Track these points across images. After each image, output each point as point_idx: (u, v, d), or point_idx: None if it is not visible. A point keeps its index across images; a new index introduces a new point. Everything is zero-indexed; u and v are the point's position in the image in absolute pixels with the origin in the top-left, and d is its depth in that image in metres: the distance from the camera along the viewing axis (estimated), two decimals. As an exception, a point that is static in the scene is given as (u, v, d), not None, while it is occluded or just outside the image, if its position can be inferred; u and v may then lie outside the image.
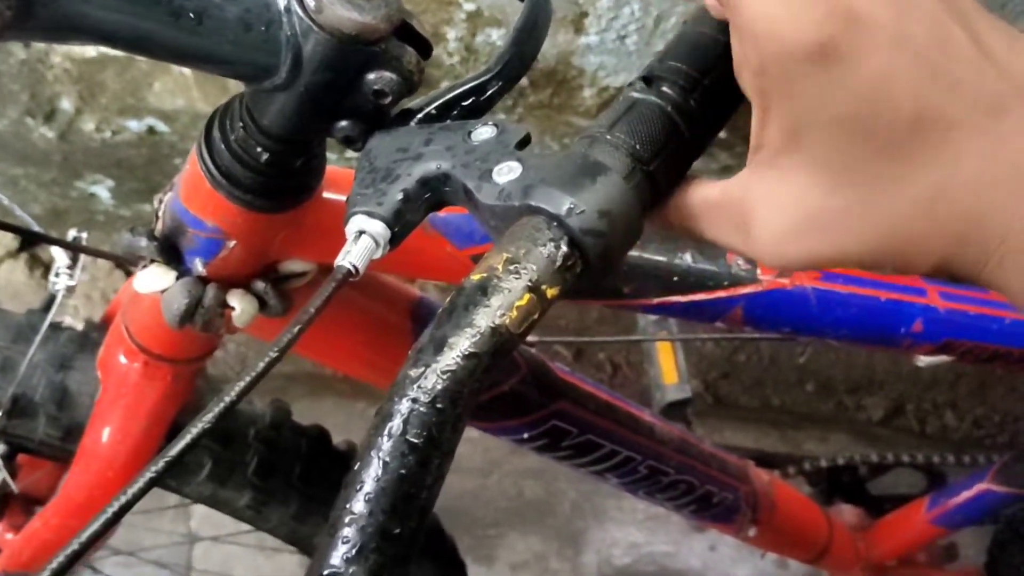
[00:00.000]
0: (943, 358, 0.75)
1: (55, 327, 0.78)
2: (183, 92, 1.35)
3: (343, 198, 0.58)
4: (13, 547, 0.80)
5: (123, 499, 0.38)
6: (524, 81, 1.30)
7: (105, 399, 0.70)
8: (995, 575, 1.29)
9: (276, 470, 0.83)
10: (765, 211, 0.40)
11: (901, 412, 1.83)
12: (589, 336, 1.72)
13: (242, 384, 0.40)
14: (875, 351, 1.73)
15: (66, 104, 1.39)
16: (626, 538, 1.65)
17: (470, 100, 0.50)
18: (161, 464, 0.39)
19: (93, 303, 1.74)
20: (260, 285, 0.59)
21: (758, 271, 0.68)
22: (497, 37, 1.23)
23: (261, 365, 0.41)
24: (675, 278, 0.66)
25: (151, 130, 1.43)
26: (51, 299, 0.79)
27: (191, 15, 0.44)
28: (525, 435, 0.80)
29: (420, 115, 0.49)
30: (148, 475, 0.38)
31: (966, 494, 1.12)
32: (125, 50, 0.47)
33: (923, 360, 0.76)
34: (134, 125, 1.42)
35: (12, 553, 0.79)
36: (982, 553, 1.33)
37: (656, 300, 0.66)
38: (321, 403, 1.63)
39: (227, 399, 0.40)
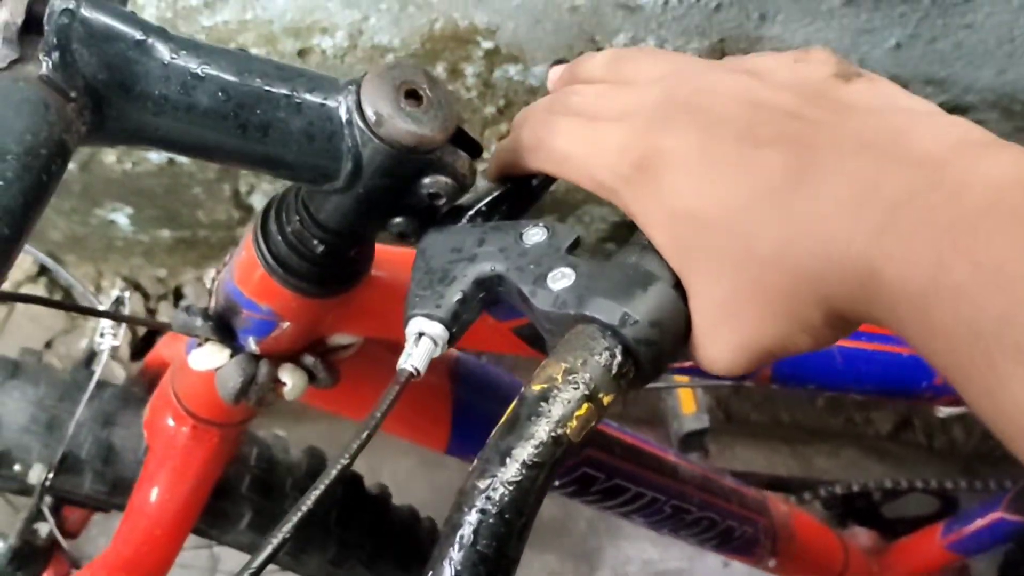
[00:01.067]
0: (963, 408, 0.77)
1: (98, 384, 0.80)
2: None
3: (390, 277, 0.60)
4: (59, 596, 0.82)
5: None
6: (540, 114, 1.32)
7: (153, 460, 0.73)
8: (1005, 594, 1.32)
9: (313, 517, 0.85)
10: (695, 320, 0.42)
11: (909, 426, 1.85)
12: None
13: (317, 491, 0.42)
14: (897, 403, 1.75)
15: (88, 138, 1.40)
16: (640, 555, 1.67)
17: (517, 196, 0.52)
18: (256, 565, 0.41)
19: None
20: (310, 360, 0.62)
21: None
22: (515, 72, 1.25)
23: (333, 472, 0.43)
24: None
25: (171, 161, 1.45)
26: (92, 354, 0.81)
27: (257, 127, 0.46)
28: (556, 483, 0.82)
29: (471, 212, 0.51)
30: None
31: (980, 522, 1.15)
32: (190, 156, 0.49)
33: (944, 411, 0.78)
34: (154, 157, 1.44)
35: (58, 602, 0.82)
36: (993, 571, 1.36)
37: (687, 363, 0.68)
38: (342, 431, 1.65)
39: (302, 508, 0.42)
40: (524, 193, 0.52)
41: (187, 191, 1.52)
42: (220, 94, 0.45)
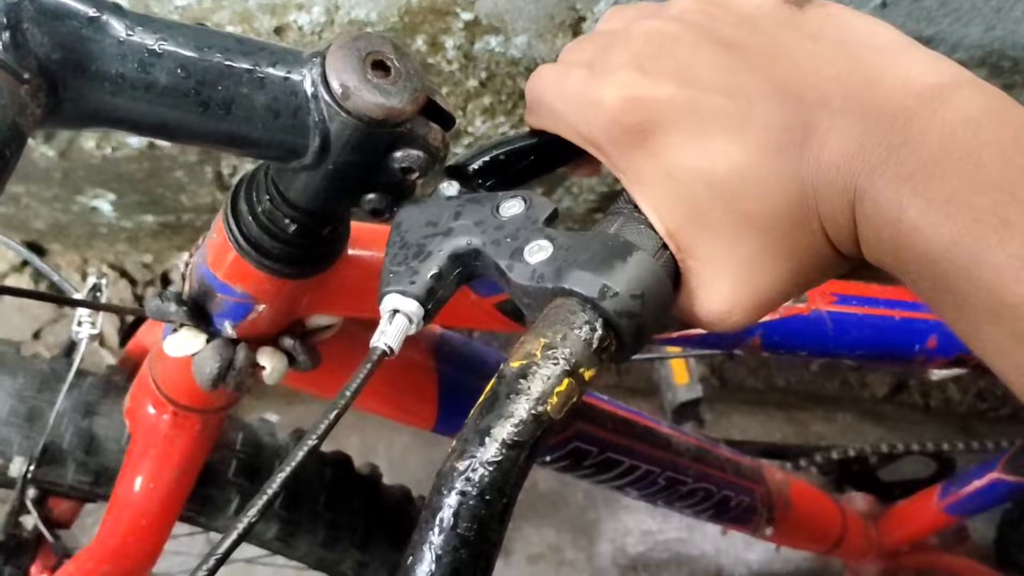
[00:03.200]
0: (956, 371, 0.76)
1: (78, 373, 0.79)
2: (183, 108, 1.35)
3: (367, 254, 0.59)
4: (47, 588, 0.81)
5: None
6: (523, 85, 1.30)
7: (136, 449, 0.71)
8: (1004, 554, 1.32)
9: (302, 500, 0.84)
10: (702, 283, 0.42)
11: (904, 388, 1.85)
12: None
13: (287, 469, 0.41)
14: (890, 367, 1.75)
15: (66, 124, 1.38)
16: (639, 526, 1.67)
17: (511, 166, 0.50)
18: (212, 562, 0.40)
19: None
20: (289, 342, 0.60)
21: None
22: (496, 44, 1.23)
23: (302, 453, 0.42)
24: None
25: (151, 145, 1.43)
26: (72, 345, 0.79)
27: (220, 105, 0.45)
28: (547, 458, 0.81)
29: (472, 167, 0.49)
30: (213, 559, 0.40)
31: (977, 483, 1.14)
32: (153, 137, 0.47)
33: (937, 374, 0.77)
34: (134, 141, 1.42)
35: (47, 595, 0.81)
36: (992, 531, 1.36)
37: (676, 333, 0.67)
38: (332, 407, 1.64)
39: (275, 483, 0.41)
40: (520, 164, 0.50)
41: (169, 175, 1.50)
42: (179, 71, 0.44)
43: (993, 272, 0.33)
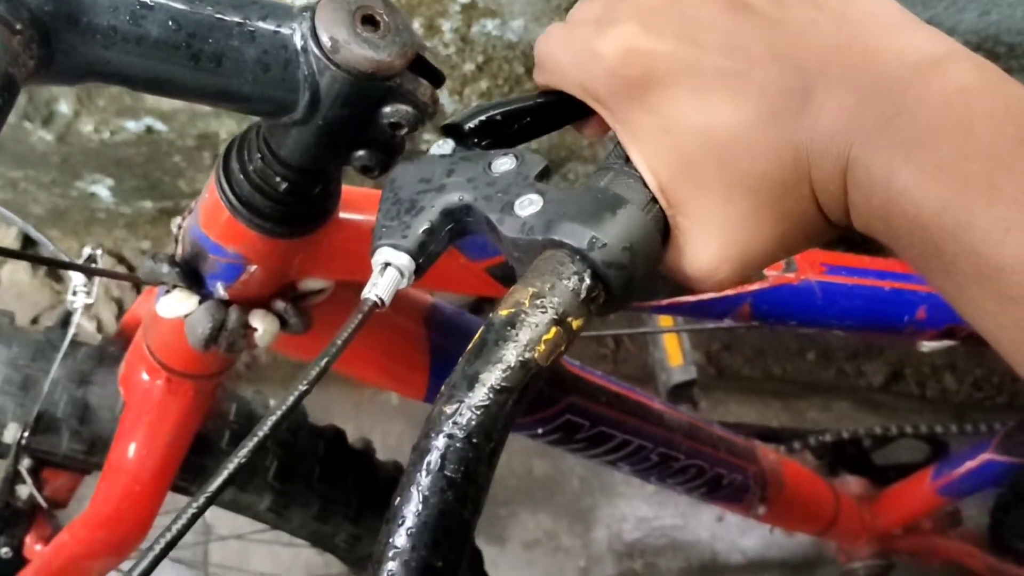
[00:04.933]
0: (946, 343, 0.77)
1: (73, 343, 0.79)
2: (180, 91, 1.35)
3: (359, 218, 0.59)
4: (42, 558, 0.81)
5: (166, 537, 0.39)
6: (520, 69, 1.31)
7: (129, 416, 0.72)
8: (998, 538, 1.32)
9: (295, 473, 0.85)
10: (691, 240, 0.43)
11: (901, 377, 1.85)
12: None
13: (275, 416, 0.42)
14: (880, 339, 1.75)
15: (64, 107, 1.39)
16: (635, 513, 1.67)
17: (508, 127, 0.50)
18: (202, 499, 0.41)
19: (97, 300, 1.75)
20: (280, 305, 0.61)
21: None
22: (493, 27, 1.23)
23: (292, 398, 0.43)
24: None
25: (149, 129, 1.43)
26: (67, 315, 0.80)
27: (210, 58, 0.45)
28: (540, 430, 0.81)
29: (469, 124, 0.49)
30: (189, 513, 0.40)
31: (970, 464, 1.15)
32: (144, 91, 0.48)
33: (927, 345, 0.77)
34: (132, 125, 1.42)
35: (41, 565, 0.81)
36: (985, 516, 1.36)
37: (666, 301, 0.68)
38: (328, 392, 1.65)
39: (263, 429, 0.42)
40: (517, 124, 0.50)
41: (167, 159, 1.51)
42: (170, 23, 0.44)
43: (980, 235, 0.34)
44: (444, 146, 0.49)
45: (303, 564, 1.48)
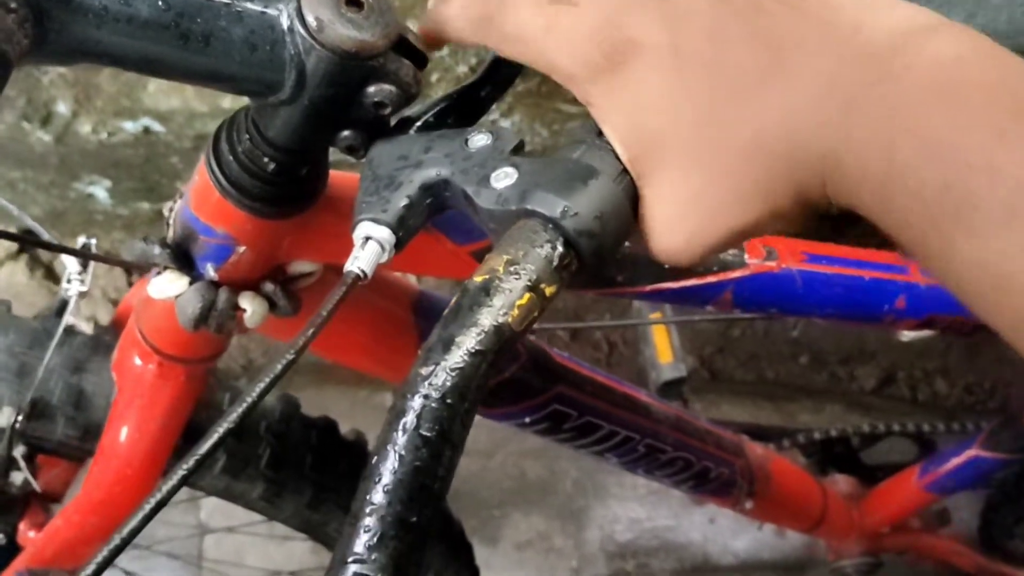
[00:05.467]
0: (926, 332, 0.78)
1: (68, 331, 0.80)
2: (177, 92, 1.37)
3: (346, 201, 0.61)
4: (36, 545, 0.83)
5: (157, 496, 0.41)
6: (513, 71, 1.32)
7: (122, 400, 0.73)
8: (988, 538, 1.33)
9: (288, 462, 0.86)
10: (654, 214, 0.43)
11: (893, 381, 1.86)
12: (585, 317, 1.75)
13: (262, 384, 0.43)
14: (860, 328, 1.76)
15: (62, 108, 1.40)
16: (627, 514, 1.68)
17: (465, 106, 0.52)
18: (192, 463, 0.42)
19: (95, 301, 1.76)
20: (269, 287, 0.62)
21: (745, 256, 0.71)
22: (485, 29, 1.24)
23: (278, 367, 0.44)
24: (666, 266, 0.68)
25: (147, 130, 1.45)
26: (63, 304, 0.81)
27: (199, 38, 0.46)
28: (527, 419, 0.83)
29: (419, 123, 0.51)
30: (179, 474, 0.41)
31: (956, 460, 1.16)
32: (135, 71, 0.49)
33: (907, 335, 0.78)
34: (130, 126, 1.44)
35: (35, 551, 0.82)
36: (975, 516, 1.37)
37: (648, 287, 0.69)
38: (325, 392, 1.66)
39: (248, 399, 0.42)
40: (472, 102, 0.52)
41: (164, 161, 1.52)
42: (160, 3, 0.46)
43: (984, 218, 0.33)
44: None
45: (297, 560, 1.49)
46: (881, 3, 0.40)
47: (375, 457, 0.40)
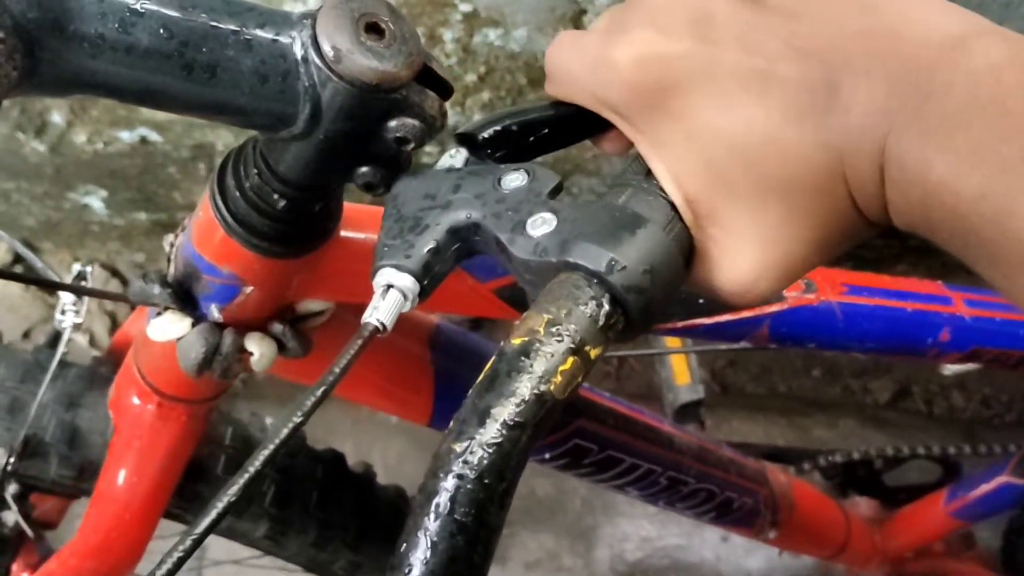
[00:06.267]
0: (971, 366, 0.74)
1: (63, 364, 0.76)
2: (176, 102, 1.33)
3: (360, 236, 0.57)
4: (29, 587, 0.79)
5: (168, 564, 0.37)
6: (522, 80, 1.28)
7: (119, 441, 0.69)
8: (1011, 560, 1.29)
9: (293, 498, 0.82)
10: (726, 253, 0.40)
11: (908, 394, 1.82)
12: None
13: (273, 444, 0.39)
14: (902, 362, 1.73)
15: (57, 118, 1.36)
16: (637, 532, 1.65)
17: (523, 138, 0.47)
18: (201, 528, 0.38)
19: (91, 314, 1.72)
20: (278, 328, 0.58)
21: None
22: (495, 37, 1.20)
23: (288, 428, 0.40)
24: (700, 301, 0.64)
25: (143, 140, 1.41)
26: (56, 336, 0.77)
27: (204, 68, 0.42)
28: (547, 455, 0.79)
29: (485, 134, 0.45)
30: (190, 539, 0.38)
31: (985, 487, 1.12)
32: (134, 103, 0.45)
33: (950, 369, 0.75)
34: (126, 136, 1.40)
35: (28, 594, 0.78)
36: (997, 537, 1.33)
37: (681, 324, 0.65)
38: (327, 411, 1.61)
39: (261, 457, 0.39)
40: (531, 135, 0.47)
41: (162, 171, 1.48)
42: (162, 31, 0.41)
43: (1022, 221, 0.32)
44: (457, 156, 0.46)
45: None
46: (914, 5, 0.38)
47: (403, 544, 0.36)
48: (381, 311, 0.42)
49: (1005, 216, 0.33)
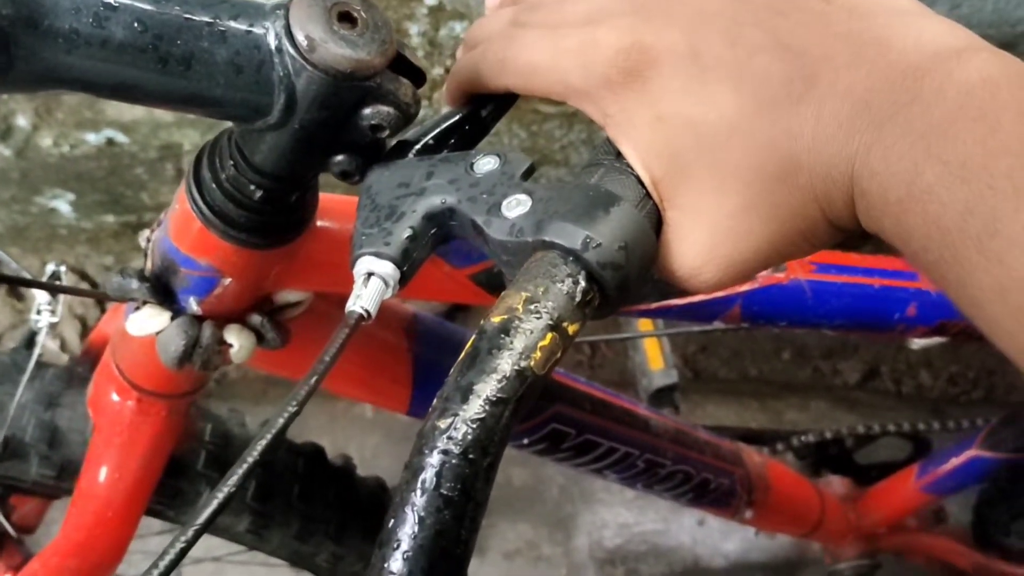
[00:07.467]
0: (937, 339, 0.75)
1: (40, 364, 0.76)
2: (142, 102, 1.32)
3: (336, 226, 0.57)
4: (11, 589, 0.79)
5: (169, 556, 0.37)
6: (490, 72, 1.29)
7: (99, 438, 0.69)
8: (981, 534, 1.31)
9: (274, 492, 0.82)
10: (682, 238, 0.41)
11: (876, 374, 1.85)
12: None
13: (264, 441, 0.40)
14: (871, 338, 1.75)
15: (22, 121, 1.35)
16: (616, 519, 1.66)
17: (466, 127, 0.49)
18: (190, 533, 0.38)
19: (61, 320, 1.71)
20: (257, 319, 0.58)
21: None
22: (461, 30, 1.21)
23: (280, 421, 0.41)
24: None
25: (110, 142, 1.40)
26: (32, 336, 0.77)
27: (179, 61, 0.43)
28: (525, 440, 0.79)
29: (418, 146, 0.47)
30: (179, 545, 0.38)
31: (955, 461, 1.14)
32: (109, 97, 0.45)
33: (918, 343, 0.76)
34: (92, 138, 1.39)
35: (11, 595, 0.78)
36: (968, 512, 1.35)
37: (655, 304, 0.66)
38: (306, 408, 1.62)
39: (252, 456, 0.39)
40: (474, 123, 0.49)
41: (129, 172, 1.47)
42: (136, 25, 0.42)
43: (1006, 243, 0.31)
44: None
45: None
46: (910, 16, 0.38)
47: (391, 520, 0.36)
48: (364, 298, 0.43)
49: (988, 236, 0.32)
